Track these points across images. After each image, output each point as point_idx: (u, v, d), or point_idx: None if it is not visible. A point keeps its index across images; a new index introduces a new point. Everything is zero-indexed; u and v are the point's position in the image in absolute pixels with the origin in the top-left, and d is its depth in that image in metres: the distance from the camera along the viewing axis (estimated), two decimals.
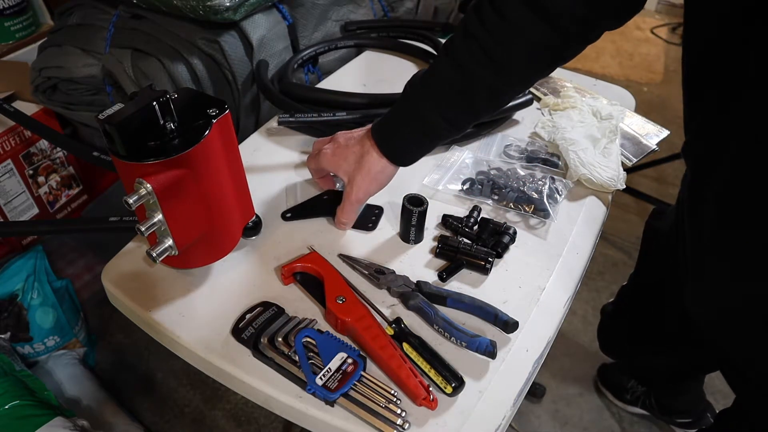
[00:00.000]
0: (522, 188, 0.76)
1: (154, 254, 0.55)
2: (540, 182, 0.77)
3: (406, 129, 0.64)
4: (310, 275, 0.65)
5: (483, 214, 0.74)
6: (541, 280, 0.67)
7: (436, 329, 0.60)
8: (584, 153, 0.80)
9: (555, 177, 0.80)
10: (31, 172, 1.18)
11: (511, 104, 0.90)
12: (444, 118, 0.63)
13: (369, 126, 0.67)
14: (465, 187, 0.79)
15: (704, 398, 1.31)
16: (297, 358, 0.55)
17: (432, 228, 0.73)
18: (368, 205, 0.77)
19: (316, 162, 0.71)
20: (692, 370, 1.20)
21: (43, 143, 1.18)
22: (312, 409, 0.53)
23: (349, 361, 0.55)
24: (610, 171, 0.79)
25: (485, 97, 0.62)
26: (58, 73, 1.03)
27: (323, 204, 0.76)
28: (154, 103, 0.51)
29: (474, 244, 0.69)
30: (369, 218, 0.75)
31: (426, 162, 0.85)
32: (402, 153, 0.66)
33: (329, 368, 0.54)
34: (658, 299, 1.01)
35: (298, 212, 0.75)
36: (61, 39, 1.04)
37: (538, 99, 0.98)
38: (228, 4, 0.92)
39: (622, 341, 1.20)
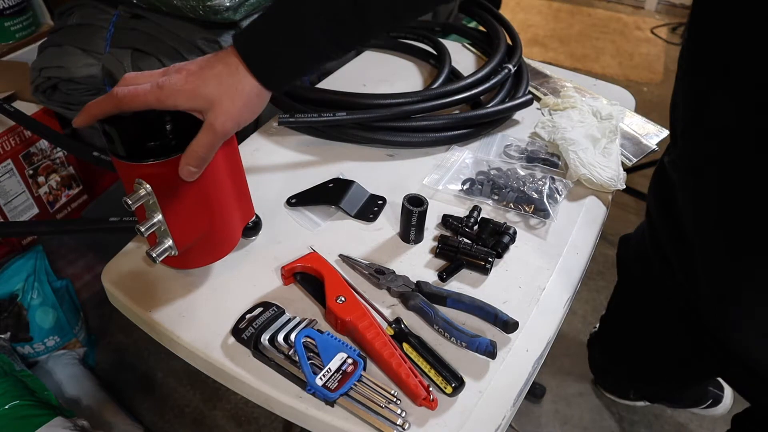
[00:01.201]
0: (522, 188, 0.76)
1: (154, 254, 0.55)
2: (540, 182, 0.77)
3: (285, 49, 0.52)
4: (310, 275, 0.65)
5: (483, 214, 0.74)
6: (541, 280, 0.67)
7: (436, 329, 0.60)
8: (584, 153, 0.80)
9: (555, 177, 0.80)
10: (31, 172, 1.18)
11: (511, 104, 0.90)
12: (332, 41, 0.52)
13: (227, 47, 0.54)
14: (465, 187, 0.79)
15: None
16: (297, 358, 0.55)
17: (432, 228, 0.73)
18: (371, 195, 0.77)
19: (154, 97, 0.49)
20: (692, 382, 1.18)
21: (43, 143, 1.18)
22: (312, 409, 0.53)
23: (349, 361, 0.55)
24: (610, 171, 0.79)
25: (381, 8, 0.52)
26: (58, 73, 1.03)
27: (328, 191, 0.77)
28: None
29: (474, 244, 0.69)
30: (371, 209, 0.75)
31: (426, 162, 0.85)
32: (279, 77, 0.53)
33: (329, 368, 0.54)
34: (646, 330, 0.97)
35: (303, 199, 0.76)
36: (61, 39, 1.04)
37: (538, 99, 0.99)
38: (228, 4, 0.92)
39: (618, 379, 1.19)
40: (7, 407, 1.02)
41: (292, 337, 0.57)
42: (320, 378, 0.53)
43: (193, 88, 0.50)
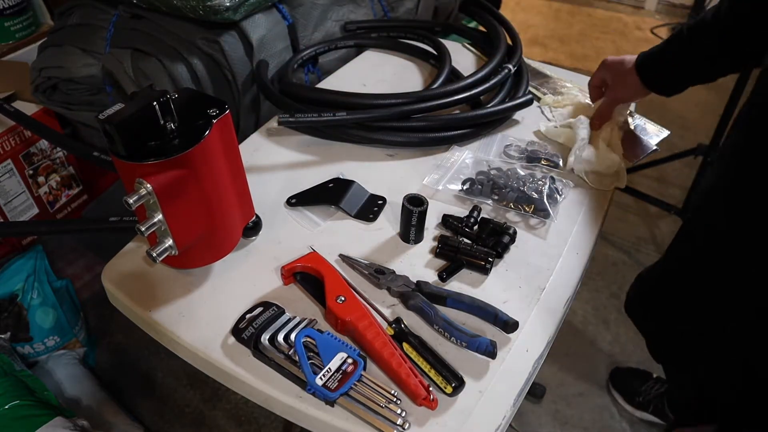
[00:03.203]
0: (522, 188, 0.76)
1: (154, 254, 0.55)
2: (540, 182, 0.77)
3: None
4: (310, 275, 0.65)
5: (483, 214, 0.74)
6: (541, 280, 0.67)
7: (436, 329, 0.60)
8: (588, 149, 0.80)
9: (555, 177, 0.80)
10: (31, 172, 1.18)
11: (511, 104, 0.90)
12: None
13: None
14: (465, 187, 0.79)
15: None
16: (297, 358, 0.55)
17: (432, 228, 0.73)
18: (371, 195, 0.77)
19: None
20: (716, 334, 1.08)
21: (43, 143, 1.18)
22: (312, 409, 0.53)
23: (349, 361, 0.55)
24: (610, 167, 0.79)
25: None
26: (58, 73, 1.02)
27: (328, 191, 0.77)
28: (154, 103, 0.51)
29: (474, 244, 0.69)
30: (371, 209, 0.75)
31: (426, 162, 0.85)
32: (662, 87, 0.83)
33: (329, 368, 0.54)
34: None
35: (303, 199, 0.76)
36: (61, 39, 1.04)
37: (538, 99, 0.99)
38: (228, 4, 0.92)
39: (659, 304, 1.10)
40: (7, 407, 1.02)
41: (292, 336, 0.57)
42: (320, 378, 0.53)
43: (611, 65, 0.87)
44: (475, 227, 0.72)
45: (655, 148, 0.89)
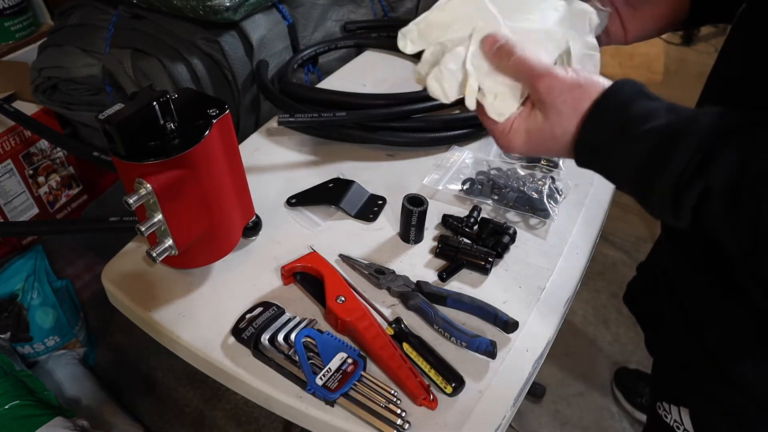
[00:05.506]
0: (522, 188, 0.76)
1: (154, 254, 0.55)
2: (540, 182, 0.77)
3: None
4: (310, 275, 0.65)
5: (483, 214, 0.74)
6: (541, 280, 0.67)
7: (436, 329, 0.60)
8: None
9: (555, 177, 0.80)
10: (31, 172, 1.18)
11: None
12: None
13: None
14: (465, 187, 0.79)
15: None
16: (297, 358, 0.55)
17: (432, 228, 0.73)
18: (371, 195, 0.77)
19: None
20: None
21: (43, 143, 1.18)
22: (312, 409, 0.53)
23: (349, 361, 0.55)
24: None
25: None
26: (58, 73, 1.02)
27: (328, 191, 0.77)
28: (154, 103, 0.51)
29: (474, 244, 0.69)
30: (371, 209, 0.75)
31: (426, 162, 0.85)
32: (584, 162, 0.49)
33: (329, 368, 0.54)
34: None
35: (303, 199, 0.76)
36: (61, 39, 1.04)
37: None
38: (228, 4, 0.92)
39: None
40: (7, 407, 1.02)
41: (292, 336, 0.57)
42: (320, 378, 0.53)
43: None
44: (475, 227, 0.72)
45: None
